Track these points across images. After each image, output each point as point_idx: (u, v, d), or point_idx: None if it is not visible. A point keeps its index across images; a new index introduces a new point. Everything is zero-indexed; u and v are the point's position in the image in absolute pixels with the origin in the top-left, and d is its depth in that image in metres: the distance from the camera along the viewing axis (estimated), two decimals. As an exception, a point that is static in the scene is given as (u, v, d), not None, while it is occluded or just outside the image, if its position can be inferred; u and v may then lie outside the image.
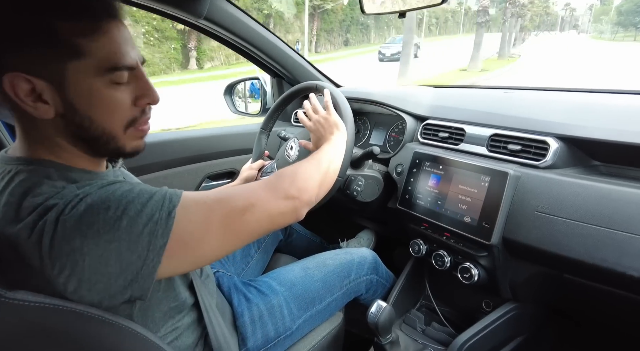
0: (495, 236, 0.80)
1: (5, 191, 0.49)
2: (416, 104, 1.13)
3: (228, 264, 1.08)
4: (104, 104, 0.52)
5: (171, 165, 1.28)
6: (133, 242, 0.47)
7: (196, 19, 1.11)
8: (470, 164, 0.87)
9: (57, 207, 0.45)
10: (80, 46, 0.48)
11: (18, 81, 0.46)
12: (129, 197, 0.48)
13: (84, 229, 0.45)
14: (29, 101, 0.48)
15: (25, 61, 0.47)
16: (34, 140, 0.53)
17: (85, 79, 0.49)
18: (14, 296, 0.43)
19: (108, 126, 0.53)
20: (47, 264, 0.45)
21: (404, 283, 1.07)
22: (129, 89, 0.54)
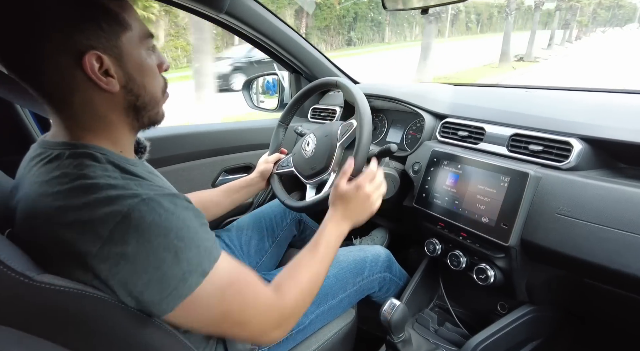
0: (514, 238, 0.78)
1: (56, 173, 0.52)
2: (435, 102, 1.11)
3: (242, 257, 1.10)
4: (150, 71, 0.59)
5: (190, 158, 1.30)
6: (167, 277, 0.49)
7: (217, 14, 1.12)
8: (489, 163, 0.86)
9: (123, 203, 0.48)
10: (125, 20, 0.54)
11: (91, 59, 0.51)
12: (187, 234, 0.51)
13: (141, 239, 0.48)
14: (102, 77, 0.52)
15: (93, 40, 0.51)
16: (80, 125, 0.56)
17: (134, 49, 0.56)
18: (41, 279, 0.45)
19: (154, 91, 0.61)
20: (95, 241, 0.47)
21: (418, 282, 1.07)
22: (154, 57, 0.61)
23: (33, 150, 0.60)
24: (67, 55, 0.50)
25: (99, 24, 0.51)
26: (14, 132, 0.94)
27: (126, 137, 0.61)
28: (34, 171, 0.55)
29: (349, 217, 0.80)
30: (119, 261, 0.47)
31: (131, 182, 0.53)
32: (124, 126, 0.60)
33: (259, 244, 1.15)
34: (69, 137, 0.56)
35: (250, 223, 1.17)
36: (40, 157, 0.55)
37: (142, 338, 0.52)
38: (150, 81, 0.59)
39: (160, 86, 0.62)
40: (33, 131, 0.96)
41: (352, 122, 0.95)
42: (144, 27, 0.58)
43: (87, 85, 0.52)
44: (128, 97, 0.57)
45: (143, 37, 0.57)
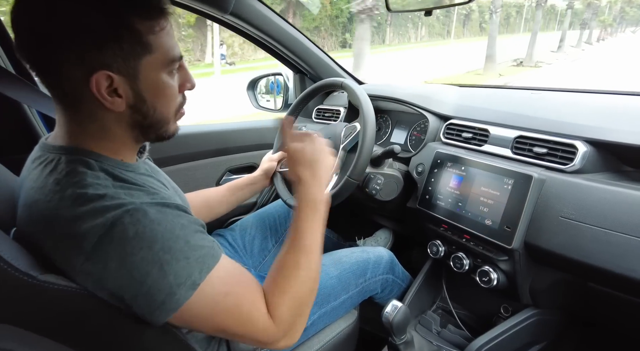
0: (517, 241, 0.78)
1: (49, 179, 0.51)
2: (440, 103, 1.11)
3: (246, 257, 1.10)
4: (167, 94, 0.57)
5: (194, 158, 1.30)
6: (153, 291, 0.48)
7: (222, 14, 1.13)
8: (493, 166, 0.85)
9: (107, 215, 0.48)
10: (151, 42, 0.52)
11: (100, 78, 0.49)
12: (174, 244, 0.50)
13: (123, 253, 0.47)
14: (107, 96, 0.51)
15: (108, 58, 0.49)
16: (82, 131, 0.55)
17: (153, 72, 0.54)
18: (44, 279, 0.46)
19: (166, 113, 0.59)
20: (78, 256, 0.47)
21: (421, 283, 1.06)
22: (177, 77, 0.59)
23: (34, 152, 0.60)
24: (80, 68, 0.49)
25: (120, 44, 0.49)
26: (21, 131, 0.95)
27: (128, 148, 0.60)
28: (33, 174, 0.55)
29: (318, 177, 0.70)
30: (103, 276, 0.47)
31: (121, 190, 0.52)
32: (128, 139, 0.59)
33: (262, 244, 1.15)
34: (69, 141, 0.55)
35: (254, 223, 1.17)
36: (40, 160, 0.55)
37: (144, 338, 0.53)
38: (164, 103, 0.57)
39: (174, 107, 0.60)
40: (40, 130, 0.97)
41: (356, 125, 0.95)
42: (174, 51, 0.55)
43: (93, 100, 0.51)
44: (134, 116, 0.56)
45: (168, 62, 0.55)
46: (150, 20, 0.51)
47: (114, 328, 0.51)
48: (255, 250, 1.13)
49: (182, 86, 0.61)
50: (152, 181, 0.62)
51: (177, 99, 0.60)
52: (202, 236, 0.55)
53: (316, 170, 0.70)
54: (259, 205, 1.46)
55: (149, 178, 0.62)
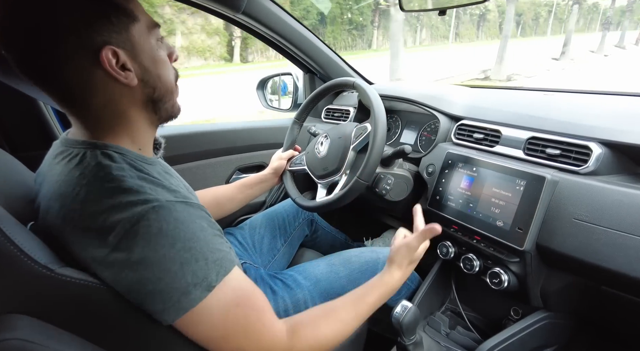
0: (529, 242, 0.77)
1: (75, 173, 0.53)
2: (451, 104, 1.10)
3: (255, 255, 1.10)
4: (162, 61, 0.60)
5: (204, 156, 1.31)
6: (170, 289, 0.49)
7: (234, 14, 1.14)
8: (505, 167, 0.85)
9: (134, 210, 0.49)
10: (132, 11, 0.55)
11: (108, 54, 0.51)
12: (194, 245, 0.51)
13: (146, 249, 0.48)
14: (121, 72, 0.53)
15: (105, 35, 0.51)
16: (100, 124, 0.57)
17: (145, 41, 0.57)
18: (62, 272, 0.47)
19: (169, 82, 0.62)
20: (103, 248, 0.49)
21: (430, 284, 1.06)
22: (164, 47, 0.62)
23: (55, 147, 0.61)
24: (84, 54, 0.50)
25: (109, 19, 0.51)
26: (36, 128, 0.97)
27: (145, 133, 0.62)
28: (56, 169, 0.56)
29: (406, 273, 0.80)
30: (124, 269, 0.48)
31: (146, 184, 0.53)
32: (143, 121, 0.61)
33: (271, 243, 1.15)
34: (89, 136, 0.57)
35: (263, 222, 1.18)
36: (62, 155, 0.57)
37: (157, 333, 0.53)
38: (164, 72, 0.60)
39: (173, 76, 0.63)
40: (55, 127, 0.99)
41: (367, 126, 0.95)
42: (149, 18, 0.59)
43: (106, 82, 0.53)
44: (146, 90, 0.58)
45: (150, 27, 0.58)
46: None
47: (129, 323, 0.52)
48: (265, 249, 1.14)
49: (170, 56, 0.63)
50: (169, 178, 0.63)
51: (171, 67, 0.63)
52: (221, 240, 0.57)
53: (412, 265, 0.80)
54: (268, 204, 1.47)
55: (167, 175, 0.63)
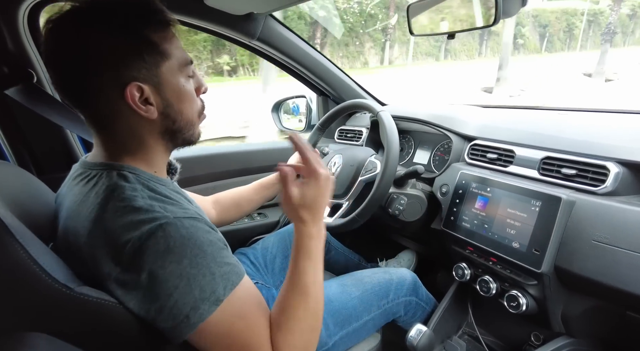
0: (546, 264, 0.75)
1: (91, 193, 0.56)
2: (463, 124, 1.11)
3: (267, 275, 1.10)
4: (187, 96, 0.62)
5: (218, 177, 1.34)
6: (178, 305, 0.50)
7: (250, 40, 1.18)
8: (520, 187, 0.84)
9: (142, 228, 0.51)
10: (167, 50, 0.57)
11: (132, 90, 0.54)
12: (201, 260, 0.52)
13: (154, 266, 0.50)
14: (142, 106, 0.56)
15: (135, 71, 0.55)
16: (119, 147, 0.60)
17: (173, 77, 0.59)
18: (80, 291, 0.48)
19: (191, 115, 0.64)
20: (115, 266, 0.51)
21: (446, 307, 1.03)
22: (192, 82, 0.64)
23: (75, 170, 0.64)
24: (114, 87, 0.54)
25: (142, 56, 0.55)
26: (61, 152, 1.02)
27: (160, 157, 0.65)
28: (75, 190, 0.59)
29: (318, 217, 0.66)
30: (134, 287, 0.50)
31: (156, 203, 0.55)
32: (160, 147, 0.63)
33: (284, 263, 1.15)
34: (107, 158, 0.60)
35: (275, 242, 1.18)
36: (81, 177, 0.60)
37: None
38: (187, 106, 0.62)
39: (197, 110, 0.65)
40: (78, 152, 1.03)
41: (377, 165, 0.97)
42: (184, 55, 0.61)
43: (128, 113, 0.56)
44: (165, 122, 0.60)
45: (182, 65, 0.60)
46: (163, 31, 0.57)
47: (144, 341, 0.52)
48: (277, 269, 1.14)
49: (198, 90, 0.66)
50: (180, 197, 0.65)
51: (197, 102, 0.65)
52: (227, 254, 0.57)
53: (317, 210, 0.65)
54: (281, 224, 1.47)
55: (178, 195, 0.65)
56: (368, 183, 0.98)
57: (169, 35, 0.58)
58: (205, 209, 1.00)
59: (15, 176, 0.69)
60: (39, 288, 0.46)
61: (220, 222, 1.05)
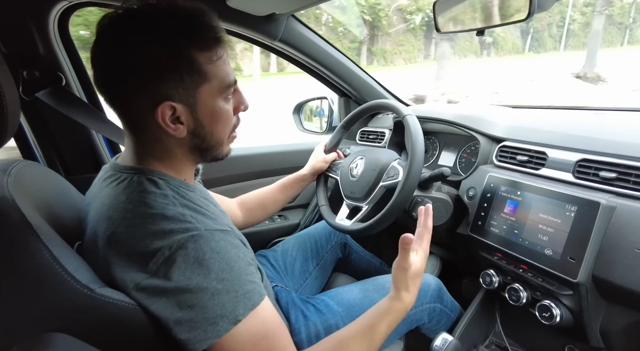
0: (583, 274, 0.70)
1: (122, 197, 0.56)
2: (491, 125, 1.06)
3: (287, 278, 1.09)
4: (223, 119, 0.60)
5: (241, 179, 1.34)
6: (198, 318, 0.50)
7: (272, 41, 1.18)
8: (553, 191, 0.79)
9: (174, 238, 0.50)
10: (209, 71, 0.55)
11: (165, 109, 0.54)
12: (227, 276, 0.52)
13: (182, 277, 0.49)
14: (171, 124, 0.55)
15: (171, 90, 0.53)
16: (148, 153, 0.60)
17: (211, 99, 0.57)
18: (101, 292, 0.48)
19: (222, 136, 0.62)
20: (142, 273, 0.51)
21: (473, 316, 0.99)
22: (232, 101, 0.62)
23: (105, 171, 0.65)
24: (146, 99, 0.53)
25: (181, 76, 0.53)
26: (88, 153, 1.04)
27: (188, 167, 0.65)
28: (105, 192, 0.59)
29: (415, 294, 0.68)
30: (158, 293, 0.50)
31: (187, 211, 0.54)
32: (187, 160, 0.63)
33: (304, 266, 1.14)
34: (137, 162, 0.60)
35: (295, 244, 1.17)
36: (112, 179, 0.60)
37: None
38: (219, 127, 0.61)
39: (229, 130, 0.63)
40: (104, 153, 1.05)
41: (400, 172, 0.94)
42: (229, 77, 0.58)
43: (157, 126, 0.55)
44: (194, 141, 0.60)
45: (225, 88, 0.58)
46: (208, 51, 0.54)
47: (162, 347, 0.52)
48: (297, 272, 1.13)
49: (237, 109, 0.64)
50: (208, 204, 0.65)
51: (231, 122, 0.64)
52: (253, 271, 0.57)
53: (417, 282, 0.69)
54: (302, 226, 1.46)
55: (205, 201, 0.65)
56: (389, 189, 0.96)
57: (216, 55, 0.55)
58: (231, 211, 1.00)
59: (44, 177, 0.70)
60: (61, 288, 0.47)
61: (246, 224, 1.06)
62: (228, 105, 0.61)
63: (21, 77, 0.88)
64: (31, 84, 0.89)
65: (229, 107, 0.61)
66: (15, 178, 0.57)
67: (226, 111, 0.60)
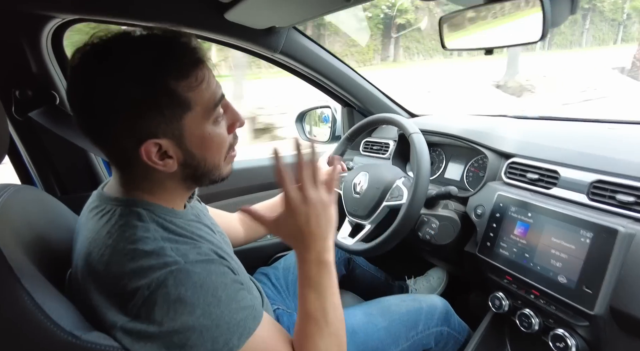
0: (600, 305, 0.66)
1: (103, 231, 0.53)
2: (500, 139, 1.02)
3: (289, 299, 1.06)
4: (214, 143, 0.56)
5: (243, 192, 1.32)
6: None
7: (272, 53, 1.15)
8: (566, 214, 0.75)
9: (152, 276, 0.47)
10: (190, 99, 0.51)
11: (149, 146, 0.50)
12: (215, 309, 0.48)
13: (165, 318, 0.47)
14: (159, 161, 0.52)
15: (153, 126, 0.50)
16: (137, 186, 0.57)
17: (197, 127, 0.53)
18: (87, 339, 0.46)
19: (216, 161, 0.58)
20: (123, 315, 0.48)
21: (481, 340, 0.95)
22: (224, 122, 0.58)
23: (92, 200, 0.62)
24: (130, 139, 0.50)
25: (161, 111, 0.49)
26: (84, 172, 1.02)
27: (181, 196, 0.62)
28: (89, 224, 0.57)
29: (325, 237, 0.60)
30: (143, 338, 0.47)
31: (168, 244, 0.51)
32: (181, 190, 0.61)
33: None
34: (123, 193, 0.57)
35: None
36: (96, 210, 0.57)
37: None
38: (212, 153, 0.57)
39: (223, 153, 0.59)
40: (101, 171, 1.03)
41: (405, 193, 0.92)
42: (213, 98, 0.54)
43: (145, 164, 0.52)
44: (186, 171, 0.56)
45: (210, 110, 0.54)
46: (187, 78, 0.50)
47: None
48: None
49: (232, 127, 0.59)
50: (199, 227, 0.62)
51: (226, 143, 0.59)
52: (244, 296, 0.54)
53: (304, 237, 0.59)
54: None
55: (197, 224, 0.62)
56: (393, 209, 0.93)
57: (195, 80, 0.51)
58: (232, 227, 0.97)
59: (37, 201, 0.68)
60: (45, 337, 0.44)
61: (248, 239, 1.02)
62: (219, 128, 0.56)
63: (13, 97, 0.86)
64: (24, 103, 0.87)
65: (220, 130, 0.56)
66: (4, 206, 0.55)
67: (217, 134, 0.56)
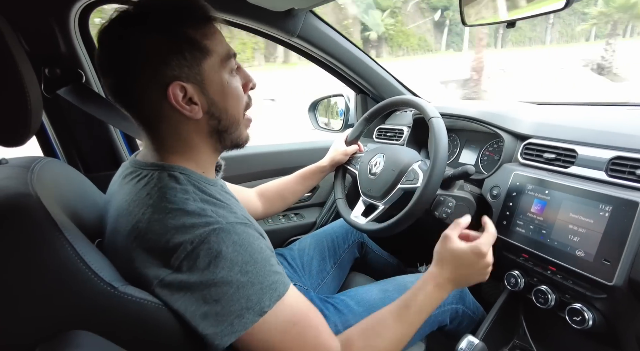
0: (619, 277, 0.67)
1: (143, 193, 0.55)
2: (516, 121, 1.03)
3: (304, 277, 1.08)
4: (232, 93, 0.61)
5: (258, 177, 1.33)
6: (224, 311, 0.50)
7: (289, 37, 1.16)
8: (585, 190, 0.76)
9: (195, 233, 0.50)
10: (208, 46, 0.56)
11: (175, 89, 0.54)
12: (251, 268, 0.51)
13: (206, 271, 0.49)
14: (186, 106, 0.56)
15: (176, 70, 0.54)
16: (168, 148, 0.60)
17: (216, 74, 0.58)
18: (125, 290, 0.48)
19: (236, 113, 0.62)
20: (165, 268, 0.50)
21: (496, 317, 0.96)
22: (239, 77, 0.63)
23: (124, 168, 0.64)
24: (156, 87, 0.54)
25: (183, 54, 0.54)
26: (107, 151, 1.04)
27: (209, 158, 0.64)
28: (125, 188, 0.59)
29: (456, 281, 0.72)
30: (182, 289, 0.49)
31: (207, 206, 0.54)
32: (208, 149, 0.63)
33: (320, 265, 1.13)
34: (157, 158, 0.60)
35: (312, 243, 1.16)
36: (132, 175, 0.60)
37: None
38: (233, 104, 0.61)
39: (242, 107, 0.63)
40: (122, 151, 1.06)
41: (420, 175, 0.92)
42: (226, 49, 0.59)
43: (172, 113, 0.56)
44: (211, 122, 0.60)
45: (225, 60, 0.59)
46: (202, 28, 0.56)
47: (186, 345, 0.51)
48: (314, 271, 1.11)
49: (245, 86, 0.65)
50: (229, 197, 0.64)
51: (243, 99, 0.64)
52: (275, 262, 0.56)
53: (474, 273, 0.74)
54: (318, 225, 1.45)
55: (227, 195, 0.64)
56: (407, 191, 0.94)
57: (210, 31, 0.57)
58: (251, 201, 1.01)
59: (65, 174, 0.70)
60: (85, 286, 0.46)
61: (265, 214, 1.07)
62: (235, 80, 0.62)
63: (43, 75, 0.89)
64: (53, 81, 0.90)
65: (237, 83, 0.62)
66: (38, 175, 0.57)
67: (235, 86, 0.61)
